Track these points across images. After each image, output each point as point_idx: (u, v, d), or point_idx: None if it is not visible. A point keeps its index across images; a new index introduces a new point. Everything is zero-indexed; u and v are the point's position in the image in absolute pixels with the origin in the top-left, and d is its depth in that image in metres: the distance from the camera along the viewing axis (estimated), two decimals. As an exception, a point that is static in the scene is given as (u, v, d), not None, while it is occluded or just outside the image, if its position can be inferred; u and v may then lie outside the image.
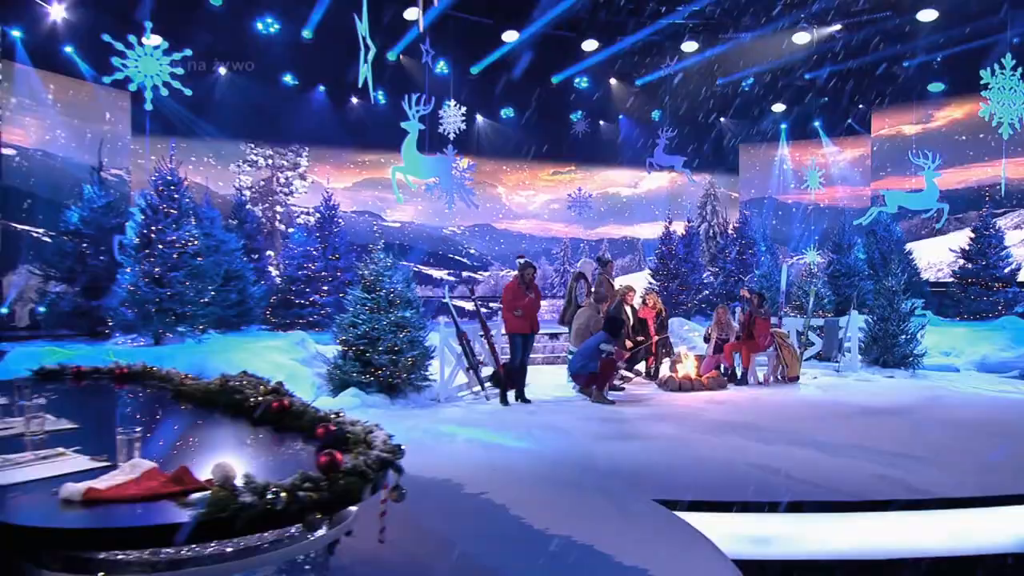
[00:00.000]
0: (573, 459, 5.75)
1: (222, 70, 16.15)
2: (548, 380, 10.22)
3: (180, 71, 10.04)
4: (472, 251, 23.32)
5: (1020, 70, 12.10)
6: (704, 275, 17.57)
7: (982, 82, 12.18)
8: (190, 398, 3.89)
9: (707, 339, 10.79)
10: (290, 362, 8.88)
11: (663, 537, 3.92)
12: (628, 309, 10.48)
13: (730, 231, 17.78)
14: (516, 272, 8.88)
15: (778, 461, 5.65)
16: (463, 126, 14.63)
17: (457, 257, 23.30)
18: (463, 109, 14.63)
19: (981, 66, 12.44)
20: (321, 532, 2.53)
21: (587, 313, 9.85)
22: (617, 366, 9.11)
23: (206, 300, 8.88)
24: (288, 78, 17.62)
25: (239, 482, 2.05)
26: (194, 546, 2.03)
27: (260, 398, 3.50)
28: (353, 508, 2.63)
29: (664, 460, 5.72)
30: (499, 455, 5.94)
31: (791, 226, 22.98)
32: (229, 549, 2.11)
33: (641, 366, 10.71)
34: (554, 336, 13.49)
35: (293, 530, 2.25)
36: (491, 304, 20.21)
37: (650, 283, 16.99)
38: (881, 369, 11.08)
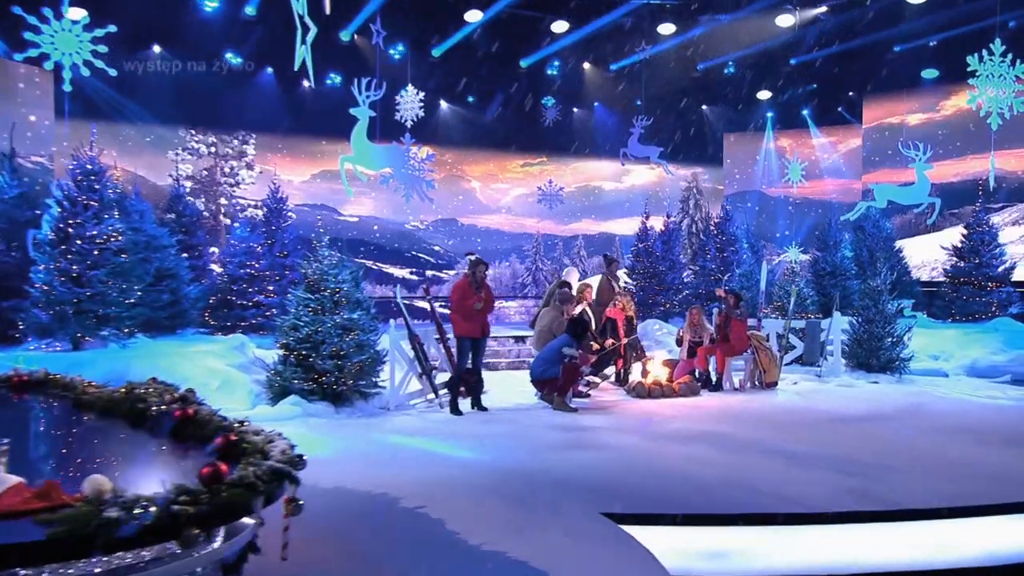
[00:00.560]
0: (523, 470, 5.78)
1: (156, 48, 15.93)
2: (511, 387, 10.24)
3: (103, 49, 9.86)
4: (436, 248, 23.30)
5: (1010, 56, 12.35)
6: (684, 274, 17.72)
7: (969, 69, 12.42)
8: (91, 408, 3.86)
9: (679, 342, 10.89)
10: (226, 368, 8.81)
11: (604, 552, 3.97)
12: (587, 308, 10.55)
13: (711, 227, 17.96)
14: (467, 270, 8.89)
15: (742, 472, 5.74)
16: (421, 113, 14.59)
17: (420, 254, 23.28)
18: (421, 95, 14.60)
19: (976, 51, 12.65)
20: (214, 547, 2.53)
21: (550, 315, 9.90)
22: (581, 371, 9.16)
23: (132, 301, 8.77)
24: (231, 57, 17.40)
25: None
26: (56, 566, 2.02)
27: (164, 407, 3.49)
28: (249, 521, 2.63)
29: (620, 471, 5.77)
30: (444, 467, 5.96)
31: (778, 221, 23.29)
32: (98, 569, 2.10)
33: (611, 371, 10.78)
34: (520, 339, 13.53)
35: (175, 547, 2.24)
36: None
37: (626, 283, 17.09)
38: (866, 374, 11.25)
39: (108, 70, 10.19)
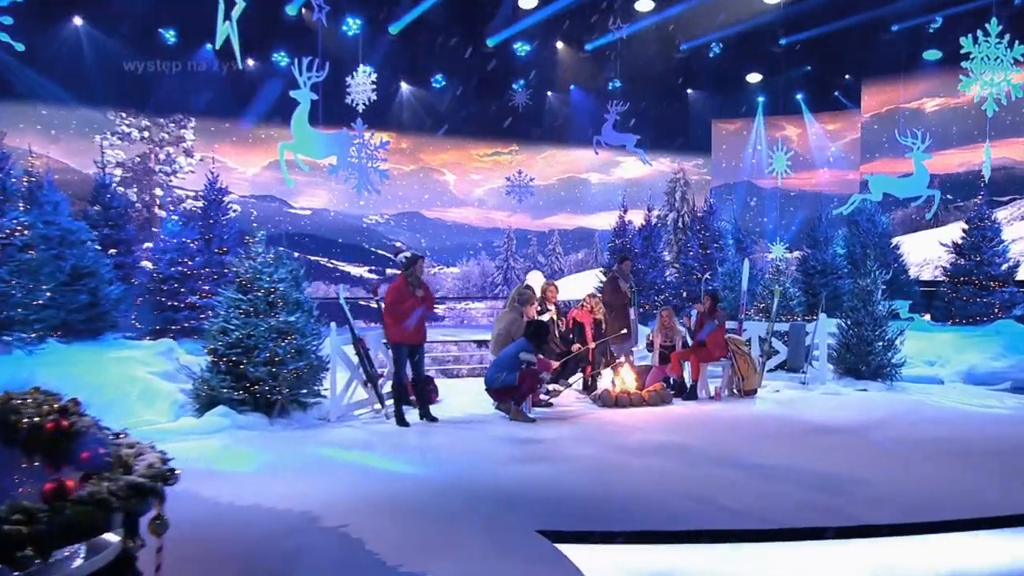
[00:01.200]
0: (463, 486, 5.82)
1: (77, 20, 15.73)
2: (470, 395, 10.24)
3: (8, 20, 9.71)
4: (398, 244, 23.30)
5: (1008, 37, 12.50)
6: (667, 273, 17.84)
7: (962, 51, 12.59)
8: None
9: (650, 346, 10.97)
10: (148, 376, 8.75)
11: (529, 573, 4.01)
12: (552, 308, 10.60)
13: (694, 221, 18.12)
14: (401, 269, 8.85)
15: (702, 485, 5.81)
16: (374, 96, 14.56)
17: (380, 251, 23.29)
18: (374, 76, 14.56)
19: (972, 31, 12.78)
20: (74, 566, 2.52)
21: (508, 317, 9.93)
22: (541, 378, 9.19)
23: (40, 302, 8.69)
24: (164, 31, 17.20)
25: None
26: None
27: (38, 419, 3.46)
28: (113, 539, 2.63)
29: (569, 486, 5.82)
30: (377, 482, 5.98)
31: (770, 215, 23.52)
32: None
33: (575, 378, 10.83)
34: (483, 344, 13.56)
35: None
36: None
37: (601, 282, 17.19)
38: (854, 381, 11.37)
39: (15, 44, 10.04)
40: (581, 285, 18.72)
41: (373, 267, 23.11)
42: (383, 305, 10.13)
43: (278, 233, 20.68)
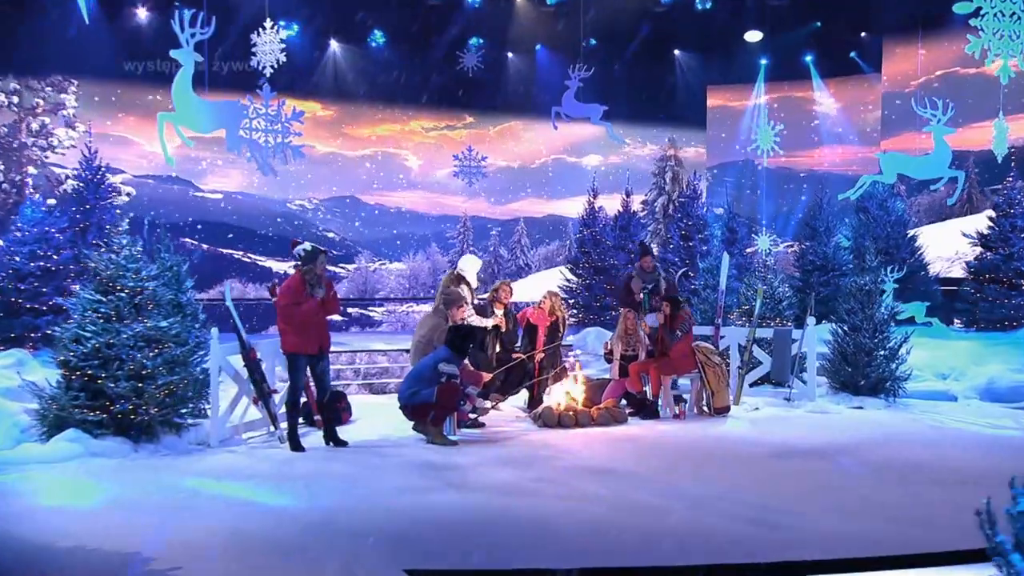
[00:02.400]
0: (338, 520, 5.95)
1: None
2: (394, 414, 10.20)
3: None
4: (330, 234, 23.31)
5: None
6: (649, 269, 18.00)
7: (973, 6, 12.75)
8: None
9: (609, 356, 11.09)
10: (-15, 393, 8.78)
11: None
12: (500, 312, 10.67)
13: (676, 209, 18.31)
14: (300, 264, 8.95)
15: (623, 518, 5.99)
16: (283, 57, 14.53)
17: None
18: (281, 33, 14.54)
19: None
20: None
21: (431, 322, 10.02)
22: (467, 392, 9.26)
23: None
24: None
25: None
26: None
27: None
28: None
29: (464, 518, 5.99)
30: (239, 518, 6.06)
31: (768, 200, 23.74)
32: None
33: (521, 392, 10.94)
34: (413, 353, 13.63)
35: None
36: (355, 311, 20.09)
37: (568, 280, 17.33)
38: (851, 397, 11.51)
39: None
40: (550, 285, 18.85)
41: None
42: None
43: (183, 222, 20.68)
